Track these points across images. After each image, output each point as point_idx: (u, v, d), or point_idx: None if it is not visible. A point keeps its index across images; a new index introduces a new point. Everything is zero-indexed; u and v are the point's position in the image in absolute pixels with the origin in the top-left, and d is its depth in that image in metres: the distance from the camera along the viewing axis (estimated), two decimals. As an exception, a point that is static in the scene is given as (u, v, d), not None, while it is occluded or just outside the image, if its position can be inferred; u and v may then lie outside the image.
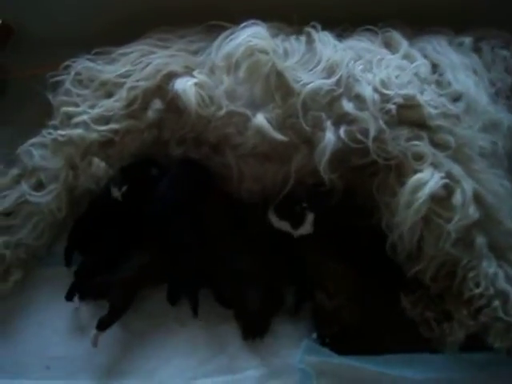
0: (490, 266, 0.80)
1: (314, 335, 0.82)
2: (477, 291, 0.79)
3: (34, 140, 0.95)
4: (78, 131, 0.93)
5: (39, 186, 0.93)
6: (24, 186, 0.92)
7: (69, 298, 0.87)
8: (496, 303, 0.78)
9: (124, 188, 0.91)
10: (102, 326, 0.82)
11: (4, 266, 0.89)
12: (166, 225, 0.88)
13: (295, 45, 0.94)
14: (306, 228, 0.88)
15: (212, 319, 0.86)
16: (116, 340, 0.85)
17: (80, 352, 0.84)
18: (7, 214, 0.92)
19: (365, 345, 0.81)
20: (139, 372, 0.82)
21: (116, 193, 0.92)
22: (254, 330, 0.83)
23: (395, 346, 0.82)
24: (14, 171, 0.95)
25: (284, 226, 0.89)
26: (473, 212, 0.80)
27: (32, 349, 0.85)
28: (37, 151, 0.93)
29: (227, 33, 0.96)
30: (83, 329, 0.86)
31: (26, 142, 0.96)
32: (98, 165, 0.93)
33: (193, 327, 0.86)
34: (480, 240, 0.81)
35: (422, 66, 0.90)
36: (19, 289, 0.90)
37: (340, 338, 0.81)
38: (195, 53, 0.98)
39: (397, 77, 0.88)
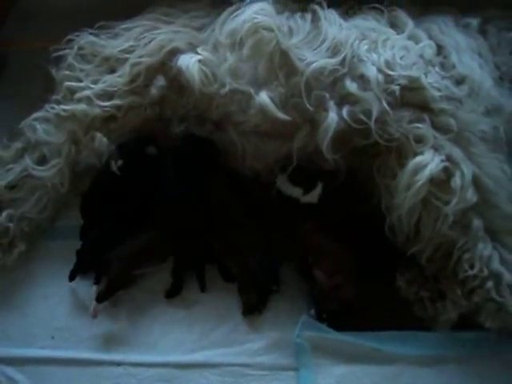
0: (485, 249, 0.82)
1: (312, 311, 0.84)
2: (471, 272, 0.81)
3: (37, 114, 0.95)
4: (81, 106, 0.93)
5: (42, 161, 0.93)
6: (27, 160, 0.93)
7: (72, 278, 0.88)
8: (489, 284, 0.80)
9: (120, 162, 0.91)
10: (100, 298, 0.84)
11: (8, 239, 0.91)
12: (173, 205, 0.89)
13: (300, 23, 0.93)
14: (313, 197, 0.89)
15: (211, 294, 0.88)
16: (119, 313, 0.87)
17: (84, 324, 0.87)
18: (11, 187, 0.93)
19: (360, 322, 0.84)
20: (140, 344, 0.85)
21: (113, 166, 0.92)
22: (255, 305, 0.85)
23: (389, 323, 0.84)
24: (18, 145, 0.95)
25: (295, 191, 0.90)
26: (471, 195, 0.81)
27: (38, 320, 0.87)
28: (40, 125, 0.93)
29: (232, 9, 0.95)
30: (87, 301, 0.88)
31: (28, 115, 0.96)
32: (101, 140, 0.93)
33: (192, 301, 0.88)
34: (476, 223, 0.82)
35: (428, 47, 0.90)
36: (24, 261, 0.92)
37: (337, 314, 0.83)
38: (199, 29, 0.98)
39: (402, 58, 0.88)
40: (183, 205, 0.90)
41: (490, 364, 0.81)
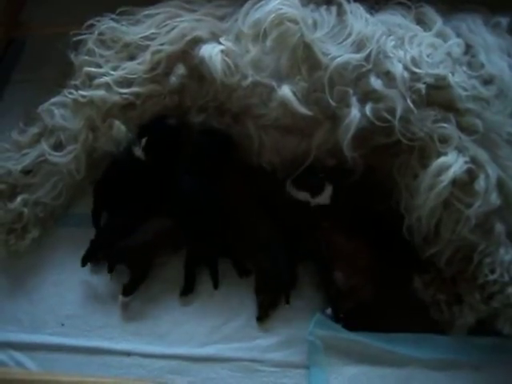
0: (506, 254, 0.80)
1: (329, 310, 0.83)
2: (491, 277, 0.79)
3: (55, 99, 0.95)
4: (100, 93, 0.92)
5: (59, 146, 0.93)
6: (44, 145, 0.92)
7: (84, 263, 0.88)
8: (510, 290, 0.79)
9: (143, 141, 0.90)
10: (127, 292, 0.84)
11: (22, 224, 0.90)
12: (189, 195, 0.89)
13: (325, 16, 0.91)
14: (324, 198, 0.88)
15: (224, 288, 0.87)
16: (130, 303, 0.86)
17: (94, 312, 0.86)
18: (27, 172, 0.92)
19: (376, 322, 0.82)
20: (151, 335, 0.84)
21: (138, 151, 0.91)
22: (270, 307, 0.84)
23: (405, 325, 0.83)
24: (34, 130, 0.95)
25: (303, 195, 0.89)
26: (494, 199, 0.80)
27: (48, 306, 0.87)
28: (58, 111, 0.93)
29: (255, -1, 0.93)
30: (98, 289, 0.88)
31: (45, 100, 0.95)
32: (119, 128, 0.92)
33: (205, 295, 0.87)
34: (499, 227, 0.80)
35: (455, 45, 0.88)
36: (36, 247, 0.92)
37: (353, 314, 0.82)
38: (222, 18, 0.96)
39: (429, 55, 0.86)
40: (197, 203, 0.88)
41: (505, 371, 0.80)
